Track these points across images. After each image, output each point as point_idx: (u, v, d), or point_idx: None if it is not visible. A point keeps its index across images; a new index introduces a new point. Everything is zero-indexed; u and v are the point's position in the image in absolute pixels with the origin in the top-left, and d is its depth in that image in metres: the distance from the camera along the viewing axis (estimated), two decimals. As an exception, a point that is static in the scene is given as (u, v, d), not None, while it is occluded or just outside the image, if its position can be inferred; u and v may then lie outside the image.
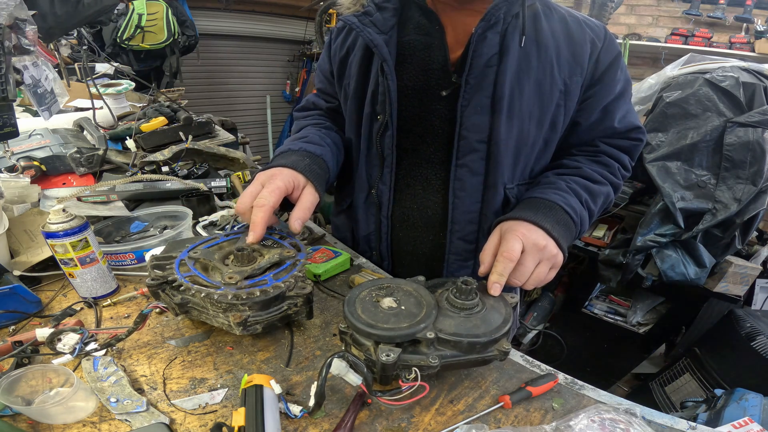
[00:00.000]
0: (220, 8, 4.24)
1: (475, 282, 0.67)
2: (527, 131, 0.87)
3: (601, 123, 0.92)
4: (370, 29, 0.85)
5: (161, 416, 0.59)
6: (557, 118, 0.88)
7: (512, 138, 0.86)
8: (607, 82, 0.88)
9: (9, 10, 0.91)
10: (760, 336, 1.70)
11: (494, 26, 0.81)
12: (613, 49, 0.88)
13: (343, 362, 0.58)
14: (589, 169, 0.91)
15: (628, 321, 2.39)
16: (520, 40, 0.81)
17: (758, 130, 1.77)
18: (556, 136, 0.92)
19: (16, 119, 0.97)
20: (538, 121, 0.87)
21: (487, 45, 0.81)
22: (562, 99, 0.86)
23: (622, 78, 0.91)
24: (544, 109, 0.86)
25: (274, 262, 0.75)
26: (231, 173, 1.38)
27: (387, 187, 0.96)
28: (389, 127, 0.90)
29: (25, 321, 0.79)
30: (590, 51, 0.86)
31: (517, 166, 0.90)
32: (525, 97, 0.84)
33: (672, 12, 3.45)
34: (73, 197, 1.09)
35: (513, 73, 0.82)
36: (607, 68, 0.88)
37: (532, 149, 0.90)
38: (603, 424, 0.58)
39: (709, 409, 1.43)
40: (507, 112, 0.83)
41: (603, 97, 0.89)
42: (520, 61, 0.82)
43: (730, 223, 1.88)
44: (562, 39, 0.84)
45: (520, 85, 0.83)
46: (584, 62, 0.85)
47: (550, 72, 0.83)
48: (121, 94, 2.05)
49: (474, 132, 0.86)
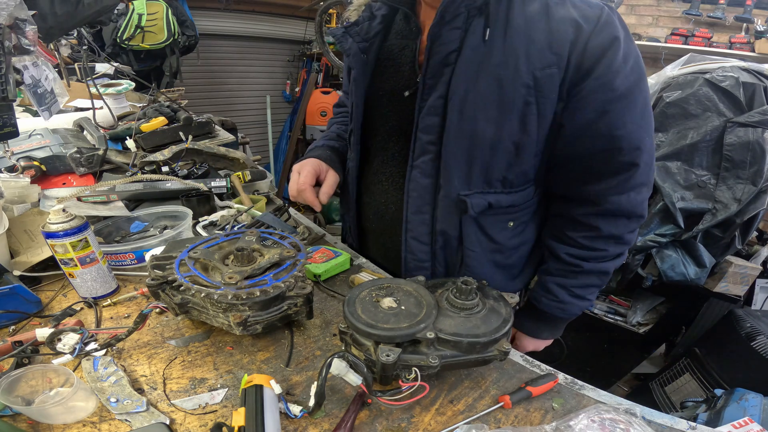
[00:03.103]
0: (220, 8, 4.23)
1: (475, 282, 0.67)
2: (482, 133, 0.79)
3: (594, 128, 0.77)
4: (351, 38, 0.90)
5: (161, 416, 0.59)
6: (527, 117, 0.77)
7: (464, 141, 0.80)
8: (601, 75, 0.73)
9: (9, 10, 0.90)
10: (760, 336, 1.69)
11: (452, 21, 0.76)
12: (608, 32, 0.72)
13: (343, 362, 0.58)
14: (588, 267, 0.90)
15: (628, 321, 2.39)
16: (484, 34, 0.74)
17: (758, 130, 1.77)
18: (530, 139, 0.80)
19: (16, 119, 0.97)
20: (498, 122, 0.78)
21: (442, 43, 0.77)
22: (531, 95, 0.75)
23: (626, 71, 0.74)
24: (505, 109, 0.76)
25: (274, 262, 0.75)
26: (231, 173, 1.38)
27: (353, 179, 1.05)
28: (354, 128, 0.98)
29: (25, 321, 0.79)
30: (573, 36, 0.72)
31: (472, 171, 0.83)
32: (480, 97, 0.76)
33: (672, 12, 3.45)
34: (73, 197, 1.09)
35: (469, 70, 0.76)
36: (599, 57, 0.72)
37: (494, 153, 0.81)
38: (603, 424, 0.58)
39: (709, 409, 1.43)
40: (458, 113, 0.78)
41: (596, 94, 0.74)
42: (480, 57, 0.75)
43: (730, 223, 1.88)
44: (538, 24, 0.73)
45: (476, 83, 0.76)
46: (563, 50, 0.72)
47: (514, 65, 0.73)
48: (121, 94, 2.05)
49: (427, 133, 0.84)
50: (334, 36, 0.93)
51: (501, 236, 0.91)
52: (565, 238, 0.91)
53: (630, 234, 0.88)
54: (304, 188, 0.94)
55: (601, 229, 0.86)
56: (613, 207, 0.84)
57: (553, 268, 0.95)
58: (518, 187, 0.88)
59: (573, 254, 0.90)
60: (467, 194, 0.84)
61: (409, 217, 0.92)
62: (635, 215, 0.85)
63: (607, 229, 0.86)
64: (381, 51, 0.92)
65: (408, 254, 0.95)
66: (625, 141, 0.77)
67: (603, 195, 0.83)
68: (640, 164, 0.80)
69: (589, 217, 0.87)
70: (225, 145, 1.58)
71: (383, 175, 0.99)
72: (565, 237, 0.91)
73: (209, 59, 4.44)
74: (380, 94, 0.93)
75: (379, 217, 1.03)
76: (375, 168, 1.01)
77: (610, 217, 0.85)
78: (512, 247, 0.95)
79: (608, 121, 0.76)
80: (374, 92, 0.94)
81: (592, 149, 0.80)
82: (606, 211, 0.85)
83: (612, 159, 0.79)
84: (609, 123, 0.76)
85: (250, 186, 1.42)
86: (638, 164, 0.80)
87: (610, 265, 0.91)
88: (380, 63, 0.92)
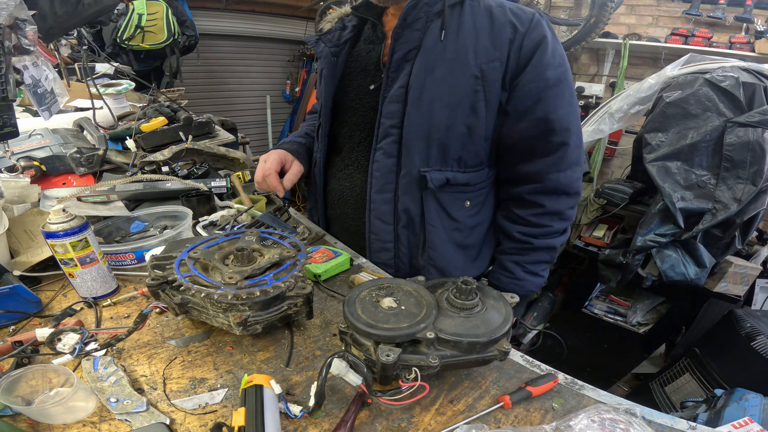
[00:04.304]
0: (220, 8, 4.23)
1: (475, 282, 0.67)
2: (438, 116, 0.91)
3: (532, 112, 0.91)
4: (324, 44, 1.03)
5: (161, 416, 0.59)
6: (476, 104, 0.91)
7: (423, 123, 0.92)
8: (534, 68, 0.88)
9: (9, 10, 0.90)
10: (760, 336, 1.69)
11: (412, 24, 0.90)
12: (538, 33, 0.88)
13: (343, 362, 0.58)
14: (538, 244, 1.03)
15: (628, 321, 2.39)
16: (440, 34, 0.88)
17: (758, 130, 1.77)
18: (479, 122, 0.93)
19: (16, 119, 0.97)
20: (452, 107, 0.91)
21: (404, 42, 0.91)
22: (479, 85, 0.89)
23: (555, 64, 0.90)
24: (457, 94, 0.90)
25: (274, 262, 0.75)
26: (231, 173, 1.38)
27: (319, 170, 1.14)
28: (323, 121, 1.09)
29: (25, 321, 0.79)
30: (511, 36, 0.87)
31: (431, 150, 0.94)
32: (436, 85, 0.89)
33: (672, 12, 3.44)
34: (73, 197, 1.09)
35: (427, 64, 0.89)
36: (532, 54, 0.88)
37: (449, 134, 0.93)
38: (603, 424, 0.58)
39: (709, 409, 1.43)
40: (416, 99, 0.90)
41: (532, 83, 0.89)
42: (436, 53, 0.89)
43: (730, 223, 1.88)
44: (484, 27, 0.88)
45: (432, 74, 0.89)
46: (503, 47, 0.87)
47: (464, 59, 0.88)
48: (121, 94, 2.05)
49: (389, 118, 0.94)
50: (308, 42, 1.07)
51: (459, 214, 1.02)
52: (516, 218, 1.04)
53: (570, 210, 1.02)
54: (269, 173, 1.05)
55: (546, 206, 1.00)
56: (553, 185, 0.98)
57: (507, 247, 1.08)
58: (472, 167, 1.00)
59: (524, 232, 1.04)
60: (427, 170, 0.95)
61: (373, 197, 1.01)
62: (572, 192, 1.00)
63: (551, 206, 1.00)
64: (350, 55, 1.06)
65: (371, 234, 1.03)
66: (557, 123, 0.92)
67: (543, 173, 0.97)
68: (570, 143, 0.95)
69: (534, 195, 1.00)
70: (225, 145, 1.58)
71: (349, 160, 1.08)
72: (516, 216, 1.04)
73: (209, 59, 4.44)
74: (348, 90, 1.05)
75: (344, 201, 1.11)
76: (342, 156, 1.10)
77: (552, 194, 0.99)
78: (470, 227, 1.05)
79: (543, 106, 0.91)
80: (343, 90, 1.06)
81: (532, 132, 0.94)
82: (547, 189, 0.99)
83: (547, 139, 0.94)
84: (544, 108, 0.91)
85: (250, 186, 1.42)
86: (568, 143, 0.95)
87: (556, 241, 1.04)
88: (349, 65, 1.06)
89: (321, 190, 1.17)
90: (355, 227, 1.10)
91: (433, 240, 1.00)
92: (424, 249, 1.02)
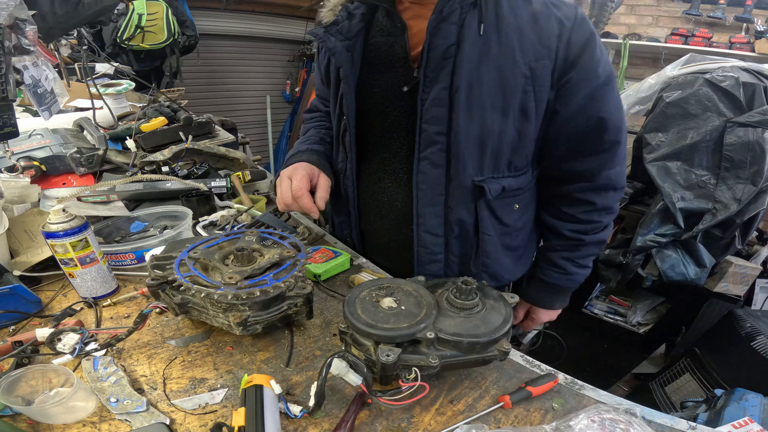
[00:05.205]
0: (220, 8, 4.23)
1: (475, 282, 0.67)
2: (491, 120, 0.85)
3: (584, 111, 0.87)
4: (334, 37, 0.91)
5: (161, 416, 0.59)
6: (527, 105, 0.85)
7: (474, 129, 0.85)
8: (586, 64, 0.83)
9: (9, 10, 0.90)
10: (760, 336, 1.69)
11: (449, 17, 0.81)
12: (586, 28, 0.83)
13: (343, 362, 0.58)
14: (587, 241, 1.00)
15: (628, 321, 2.39)
16: (479, 28, 0.80)
17: (758, 130, 1.76)
18: (530, 126, 0.88)
19: (16, 119, 0.97)
20: (503, 109, 0.84)
21: (442, 37, 0.81)
22: (529, 84, 0.83)
23: (604, 61, 0.86)
24: (508, 97, 0.83)
25: (274, 262, 0.75)
26: (231, 173, 1.38)
27: (350, 182, 1.03)
28: (348, 127, 0.97)
29: (25, 321, 0.79)
30: (558, 32, 0.81)
31: (484, 157, 0.88)
32: (485, 86, 0.82)
33: (672, 12, 3.45)
34: (73, 197, 1.09)
35: (471, 62, 0.81)
36: (581, 50, 0.83)
37: (501, 140, 0.88)
38: (603, 424, 0.58)
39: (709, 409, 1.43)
40: (466, 103, 0.83)
41: (584, 80, 0.84)
42: (479, 49, 0.80)
43: (730, 223, 1.88)
44: (526, 22, 0.81)
45: (479, 73, 0.81)
46: (551, 44, 0.81)
47: (512, 57, 0.81)
48: (121, 94, 2.05)
49: (433, 124, 0.86)
50: (315, 36, 0.94)
51: (509, 218, 0.97)
52: (564, 215, 1.00)
53: (617, 204, 1.00)
54: (301, 194, 0.92)
55: (596, 203, 0.96)
56: (604, 181, 0.94)
57: (556, 244, 1.04)
58: (521, 171, 0.95)
59: (574, 229, 1.00)
60: (481, 180, 0.89)
61: (421, 211, 0.93)
62: (620, 187, 0.97)
63: (601, 202, 0.96)
64: (366, 49, 0.93)
65: (420, 248, 0.96)
66: (610, 122, 0.88)
67: (595, 171, 0.93)
68: (622, 141, 0.91)
69: (585, 193, 0.96)
70: (225, 145, 1.58)
71: (384, 173, 0.99)
72: (564, 214, 1.00)
73: (209, 59, 4.44)
74: (374, 92, 0.94)
75: (382, 217, 1.03)
76: (373, 167, 1.00)
77: (602, 191, 0.96)
78: (518, 228, 1.01)
79: (595, 105, 0.86)
80: (366, 91, 0.95)
81: (583, 131, 0.89)
82: (598, 186, 0.95)
83: (599, 138, 0.90)
84: (596, 106, 0.86)
85: (250, 186, 1.42)
86: (621, 141, 0.91)
87: (605, 234, 1.02)
88: (368, 61, 0.93)
89: (354, 203, 1.06)
90: (397, 241, 1.02)
91: (487, 247, 0.96)
92: (477, 257, 0.97)
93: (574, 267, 1.04)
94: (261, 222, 1.06)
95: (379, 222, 1.04)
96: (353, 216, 1.08)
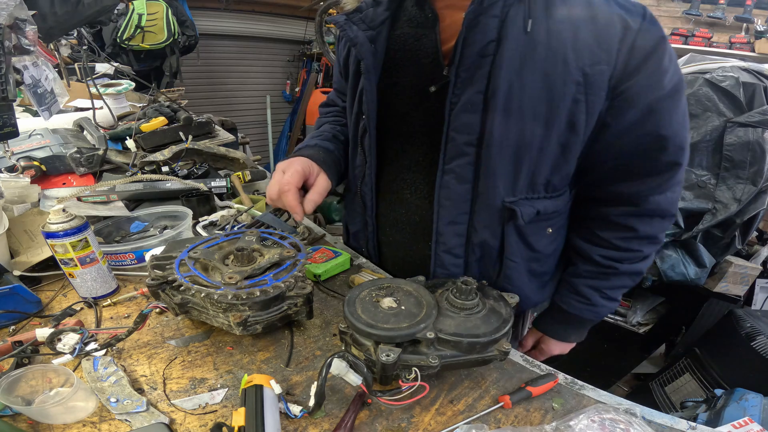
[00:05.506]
0: (220, 8, 4.24)
1: (475, 282, 0.67)
2: (531, 133, 0.74)
3: (640, 126, 0.74)
4: (356, 26, 0.81)
5: (161, 416, 0.59)
6: (576, 116, 0.73)
7: (510, 141, 0.74)
8: (650, 73, 0.71)
9: (9, 10, 0.91)
10: (760, 336, 1.69)
11: (489, 9, 0.70)
12: (655, 31, 0.70)
13: (343, 362, 0.58)
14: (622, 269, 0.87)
15: (628, 321, 2.39)
16: (526, 25, 0.69)
17: (758, 130, 1.76)
18: (577, 139, 0.76)
19: (16, 119, 0.97)
20: (546, 120, 0.73)
21: (480, 32, 0.70)
22: (581, 93, 0.71)
23: (672, 70, 0.72)
24: (554, 106, 0.72)
25: (274, 262, 0.75)
26: (231, 173, 1.38)
27: (369, 189, 0.93)
28: (368, 128, 0.87)
29: (25, 321, 0.79)
30: (622, 34, 0.69)
31: (519, 175, 0.77)
32: (528, 92, 0.71)
33: (672, 12, 3.45)
34: (73, 197, 1.09)
35: (513, 63, 0.70)
36: (647, 55, 0.70)
37: (541, 155, 0.76)
38: (603, 424, 0.58)
39: (709, 409, 1.43)
40: (503, 110, 0.72)
41: (645, 92, 0.72)
42: (523, 49, 0.69)
43: (730, 223, 1.88)
44: (583, 21, 0.69)
45: (521, 77, 0.70)
46: (612, 47, 0.69)
47: (563, 61, 0.69)
48: (121, 94, 2.05)
49: (462, 133, 0.76)
50: (335, 23, 0.84)
51: (540, 244, 0.87)
52: (598, 240, 0.87)
53: (663, 233, 0.86)
54: (288, 189, 0.80)
55: (638, 230, 0.83)
56: (653, 207, 0.81)
57: (583, 270, 0.91)
58: (560, 191, 0.84)
59: (607, 256, 0.87)
60: (513, 201, 0.79)
61: (441, 229, 0.84)
62: (670, 214, 0.83)
63: (644, 230, 0.83)
64: (390, 41, 0.83)
65: (438, 268, 0.88)
66: (671, 140, 0.75)
67: (643, 195, 0.81)
68: (682, 163, 0.78)
69: (627, 218, 0.83)
70: (225, 145, 1.58)
71: (403, 183, 0.89)
72: (598, 238, 0.87)
73: (209, 59, 4.45)
74: (397, 90, 0.84)
75: (399, 230, 0.94)
76: (392, 175, 0.91)
77: (647, 217, 0.83)
78: (548, 254, 0.91)
79: (655, 119, 0.74)
80: (388, 88, 0.84)
81: (636, 149, 0.77)
82: (645, 212, 0.82)
83: (655, 158, 0.77)
84: (656, 122, 0.74)
85: (250, 186, 1.42)
86: (681, 163, 0.78)
87: (643, 265, 0.88)
88: (392, 54, 0.83)
89: (372, 212, 0.96)
90: (412, 256, 0.94)
91: (510, 273, 0.86)
92: (497, 283, 0.87)
93: (600, 298, 0.90)
94: (261, 222, 1.06)
95: (395, 235, 0.95)
96: (371, 226, 0.98)
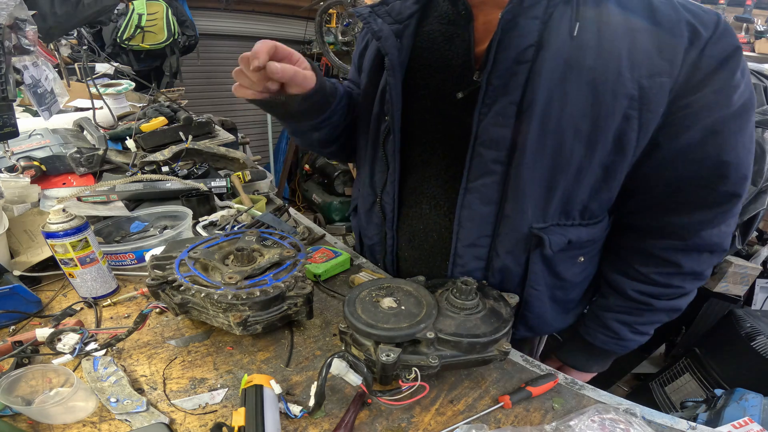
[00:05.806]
0: (220, 8, 4.23)
1: (475, 282, 0.67)
2: (569, 152, 0.65)
3: (699, 150, 0.65)
4: (381, 19, 0.74)
5: (161, 416, 0.59)
6: (626, 135, 0.64)
7: (544, 161, 0.66)
8: (718, 89, 0.61)
9: (9, 10, 0.91)
10: (760, 336, 1.69)
11: (530, 10, 0.62)
12: (728, 42, 0.61)
13: (343, 362, 0.58)
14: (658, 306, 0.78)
15: (628, 321, 2.39)
16: (572, 28, 0.61)
17: (758, 130, 1.76)
18: (624, 161, 0.67)
19: (16, 119, 0.97)
20: (589, 139, 0.64)
21: (518, 34, 0.62)
22: (634, 108, 0.62)
23: (743, 87, 0.62)
24: (600, 123, 0.63)
25: (274, 262, 0.75)
26: (231, 173, 1.38)
27: (391, 198, 0.84)
28: (392, 131, 0.78)
29: (25, 321, 0.79)
30: (688, 42, 0.60)
31: (552, 199, 0.69)
32: (570, 106, 0.62)
33: (672, 12, 3.45)
34: (73, 197, 1.09)
35: (554, 72, 0.62)
36: (717, 67, 0.61)
37: (579, 178, 0.67)
38: (603, 424, 0.58)
39: (709, 409, 1.43)
40: (539, 125, 0.63)
41: (709, 109, 0.62)
42: (567, 55, 0.61)
43: (730, 223, 1.89)
44: (643, 25, 0.60)
45: (563, 88, 0.62)
46: (677, 57, 0.60)
47: (616, 70, 0.60)
48: (121, 94, 2.05)
49: (491, 149, 0.67)
50: (359, 16, 0.76)
51: (569, 273, 0.79)
52: (634, 273, 0.78)
53: (710, 270, 0.76)
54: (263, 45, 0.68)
55: (683, 266, 0.74)
56: (702, 242, 0.72)
57: (614, 303, 0.83)
58: (598, 218, 0.75)
59: (643, 291, 0.78)
60: (542, 228, 0.71)
61: (460, 251, 0.77)
62: (721, 249, 0.73)
63: (690, 266, 0.74)
64: (418, 37, 0.75)
65: None
66: (734, 168, 0.65)
67: (693, 229, 0.71)
68: (742, 195, 0.68)
69: (670, 252, 0.74)
70: (225, 145, 1.58)
71: (422, 196, 0.82)
72: (634, 272, 0.78)
73: (209, 59, 4.44)
74: (421, 94, 0.76)
75: (415, 246, 0.87)
76: (411, 186, 0.83)
77: (695, 252, 0.73)
78: (576, 283, 0.83)
79: (718, 142, 0.64)
80: (411, 90, 0.76)
81: (691, 175, 0.67)
82: (692, 247, 0.72)
83: (713, 188, 0.67)
84: (718, 145, 0.64)
85: (250, 186, 1.42)
86: (741, 195, 0.68)
87: (683, 301, 0.79)
88: (418, 52, 0.75)
89: (392, 224, 0.87)
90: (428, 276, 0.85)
91: (532, 302, 0.79)
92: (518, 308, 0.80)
93: (630, 333, 0.82)
94: (261, 222, 1.06)
95: (410, 251, 0.88)
96: (390, 239, 0.90)
